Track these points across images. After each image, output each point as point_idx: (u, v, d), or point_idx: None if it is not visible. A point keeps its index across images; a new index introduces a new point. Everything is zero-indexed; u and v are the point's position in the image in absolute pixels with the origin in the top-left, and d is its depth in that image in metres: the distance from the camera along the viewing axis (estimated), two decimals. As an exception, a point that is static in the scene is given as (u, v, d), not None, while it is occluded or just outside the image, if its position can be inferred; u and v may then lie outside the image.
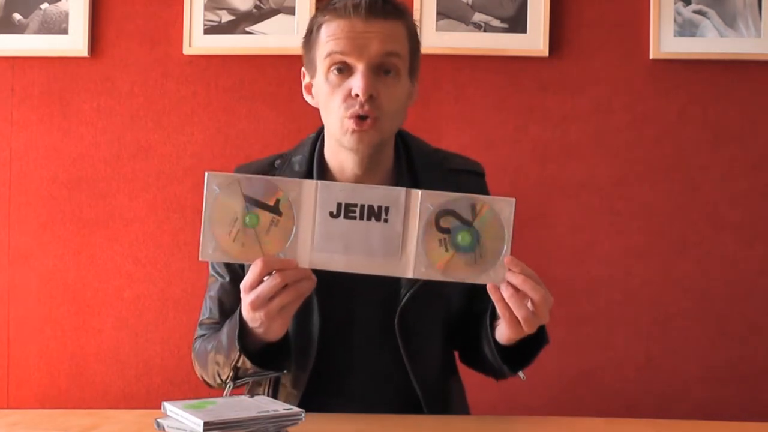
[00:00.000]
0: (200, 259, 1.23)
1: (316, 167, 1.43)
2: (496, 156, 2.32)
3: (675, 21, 2.27)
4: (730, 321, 2.28)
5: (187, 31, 2.35)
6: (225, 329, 1.35)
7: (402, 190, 1.21)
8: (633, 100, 2.30)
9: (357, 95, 1.31)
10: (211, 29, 2.35)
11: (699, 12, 2.27)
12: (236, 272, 1.46)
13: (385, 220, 1.20)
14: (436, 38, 2.30)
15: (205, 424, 1.08)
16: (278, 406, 1.18)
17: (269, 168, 1.47)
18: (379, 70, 1.32)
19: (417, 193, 1.20)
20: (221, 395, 1.46)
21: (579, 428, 1.36)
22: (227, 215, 1.23)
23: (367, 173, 1.40)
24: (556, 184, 2.31)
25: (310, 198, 1.20)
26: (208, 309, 1.50)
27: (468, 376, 1.59)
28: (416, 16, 2.28)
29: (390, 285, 1.38)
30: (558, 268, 2.30)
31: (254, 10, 2.35)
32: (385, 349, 1.41)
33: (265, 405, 1.18)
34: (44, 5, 2.38)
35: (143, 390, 2.37)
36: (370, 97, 1.31)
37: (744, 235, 2.28)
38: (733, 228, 2.29)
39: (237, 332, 1.27)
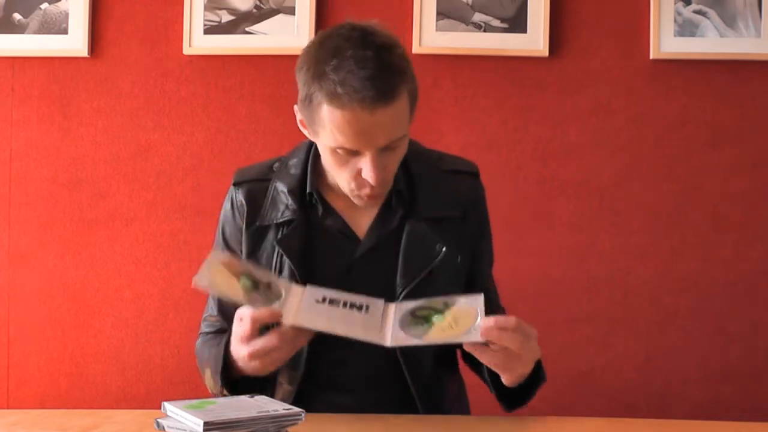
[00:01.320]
0: (193, 284, 1.27)
1: (311, 173, 1.44)
2: (496, 156, 2.32)
3: (675, 21, 2.27)
4: (730, 321, 2.28)
5: (187, 31, 2.35)
6: (214, 355, 1.37)
7: (381, 301, 1.30)
8: (633, 100, 2.30)
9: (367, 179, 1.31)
10: (211, 29, 2.35)
11: (699, 12, 2.27)
12: None
13: (366, 310, 1.28)
14: (436, 38, 2.30)
15: (205, 424, 1.08)
16: (278, 406, 1.18)
17: (268, 171, 1.49)
18: (386, 147, 1.31)
19: (392, 305, 1.30)
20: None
21: (579, 428, 1.36)
22: (228, 272, 1.30)
23: None
24: (556, 184, 2.31)
25: (298, 294, 1.29)
26: (209, 306, 1.54)
27: (469, 375, 1.59)
28: (416, 16, 2.29)
29: (385, 282, 1.40)
30: (558, 268, 2.30)
31: (254, 10, 2.35)
32: (378, 345, 1.41)
33: (265, 405, 1.18)
34: (44, 5, 2.38)
35: (143, 390, 2.37)
36: (383, 177, 1.32)
37: (744, 235, 2.28)
38: (733, 228, 2.29)
39: (221, 368, 1.33)
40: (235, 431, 1.10)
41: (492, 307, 1.51)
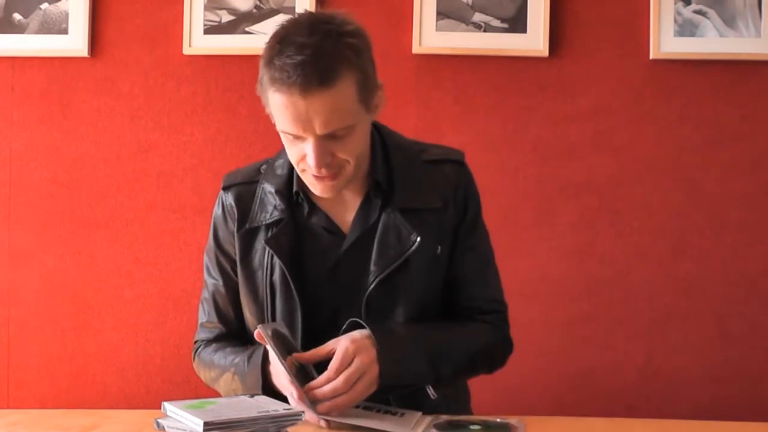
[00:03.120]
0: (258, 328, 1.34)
1: (296, 172, 1.44)
2: (496, 156, 2.32)
3: (675, 21, 2.27)
4: (730, 321, 2.28)
5: (187, 31, 2.35)
6: (245, 372, 1.41)
7: (418, 413, 1.34)
8: (633, 100, 2.30)
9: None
10: (211, 29, 2.35)
11: (699, 12, 2.27)
12: (228, 275, 1.52)
13: (401, 416, 1.31)
14: (436, 38, 2.30)
15: (205, 424, 1.08)
16: (278, 406, 1.18)
17: (255, 174, 1.51)
18: (329, 135, 1.32)
19: (430, 416, 1.33)
20: (221, 395, 1.47)
21: (579, 428, 1.36)
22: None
23: None
24: (556, 184, 2.31)
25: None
26: (206, 312, 1.55)
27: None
28: (416, 16, 2.29)
29: (359, 274, 1.41)
30: (558, 268, 2.30)
31: (254, 10, 2.35)
32: None
33: (265, 405, 1.19)
34: (44, 5, 2.38)
35: (143, 390, 2.37)
36: (325, 164, 1.33)
37: (744, 235, 2.28)
38: (733, 228, 2.28)
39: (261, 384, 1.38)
40: (235, 431, 1.10)
41: (480, 301, 1.51)
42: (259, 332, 1.31)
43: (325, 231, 1.44)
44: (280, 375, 1.32)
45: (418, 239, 1.40)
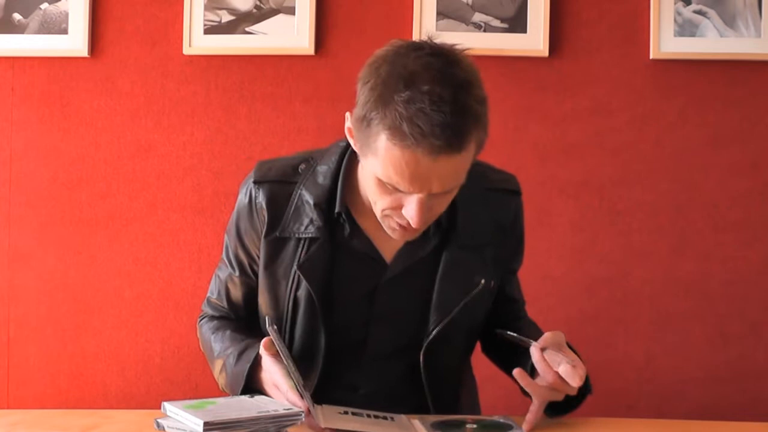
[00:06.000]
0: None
1: (341, 188, 1.34)
2: (496, 156, 2.30)
3: (675, 21, 2.27)
4: (730, 321, 2.28)
5: (187, 31, 2.34)
6: (232, 368, 1.36)
7: (402, 416, 1.29)
8: (633, 100, 2.30)
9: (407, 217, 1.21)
10: (211, 29, 2.35)
11: (699, 12, 2.27)
12: (244, 270, 1.44)
13: (392, 420, 1.27)
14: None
15: (205, 424, 1.08)
16: (278, 406, 1.18)
17: (293, 173, 1.37)
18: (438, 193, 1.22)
19: (416, 418, 1.29)
20: (221, 395, 1.47)
21: (579, 428, 1.36)
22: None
23: None
24: (556, 184, 2.31)
25: (318, 408, 1.24)
26: (216, 289, 1.49)
27: (479, 374, 1.59)
28: (416, 16, 2.28)
29: (410, 310, 1.36)
30: (558, 267, 2.30)
31: (254, 10, 2.35)
32: (395, 367, 1.39)
33: (265, 405, 1.19)
34: (44, 5, 2.38)
35: (143, 390, 2.37)
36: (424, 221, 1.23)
37: (744, 235, 2.28)
38: (733, 228, 2.28)
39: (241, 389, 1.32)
40: (235, 431, 1.10)
41: (510, 318, 1.51)
42: (266, 340, 1.24)
43: (366, 256, 1.34)
44: (280, 384, 1.24)
45: (482, 282, 1.36)
